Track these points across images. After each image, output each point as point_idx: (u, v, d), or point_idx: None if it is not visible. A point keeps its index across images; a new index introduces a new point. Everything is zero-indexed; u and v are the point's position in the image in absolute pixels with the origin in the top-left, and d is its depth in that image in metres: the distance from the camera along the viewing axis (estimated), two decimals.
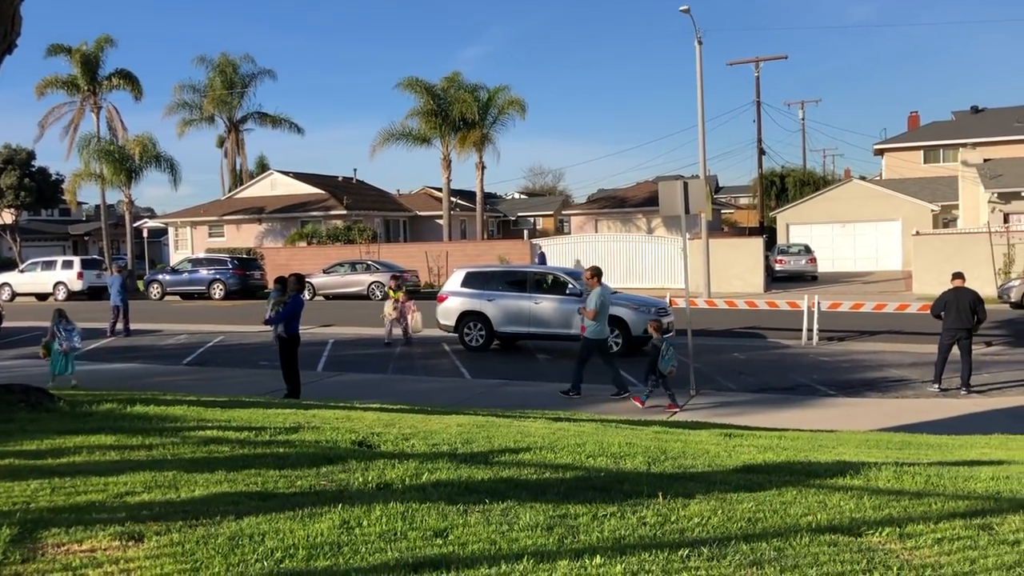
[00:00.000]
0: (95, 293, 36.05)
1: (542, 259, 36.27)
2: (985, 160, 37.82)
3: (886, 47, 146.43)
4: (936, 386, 13.43)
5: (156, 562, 3.63)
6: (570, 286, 17.57)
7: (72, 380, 12.96)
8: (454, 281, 18.76)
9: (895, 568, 3.81)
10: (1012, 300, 25.06)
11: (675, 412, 11.57)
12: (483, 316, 17.81)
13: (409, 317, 19.03)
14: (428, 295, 32.32)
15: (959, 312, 13.35)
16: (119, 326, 21.75)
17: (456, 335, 18.37)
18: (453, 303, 18.41)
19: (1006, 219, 32.65)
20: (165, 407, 8.16)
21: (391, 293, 19.95)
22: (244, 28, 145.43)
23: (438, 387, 13.89)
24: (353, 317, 25.20)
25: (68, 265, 37.39)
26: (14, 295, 36.71)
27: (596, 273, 13.05)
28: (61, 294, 35.98)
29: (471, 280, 18.45)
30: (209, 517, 4.27)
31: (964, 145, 44.28)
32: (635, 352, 17.07)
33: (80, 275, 36.45)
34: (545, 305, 17.35)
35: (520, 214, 67.73)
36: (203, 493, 4.79)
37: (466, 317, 18.09)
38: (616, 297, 17.94)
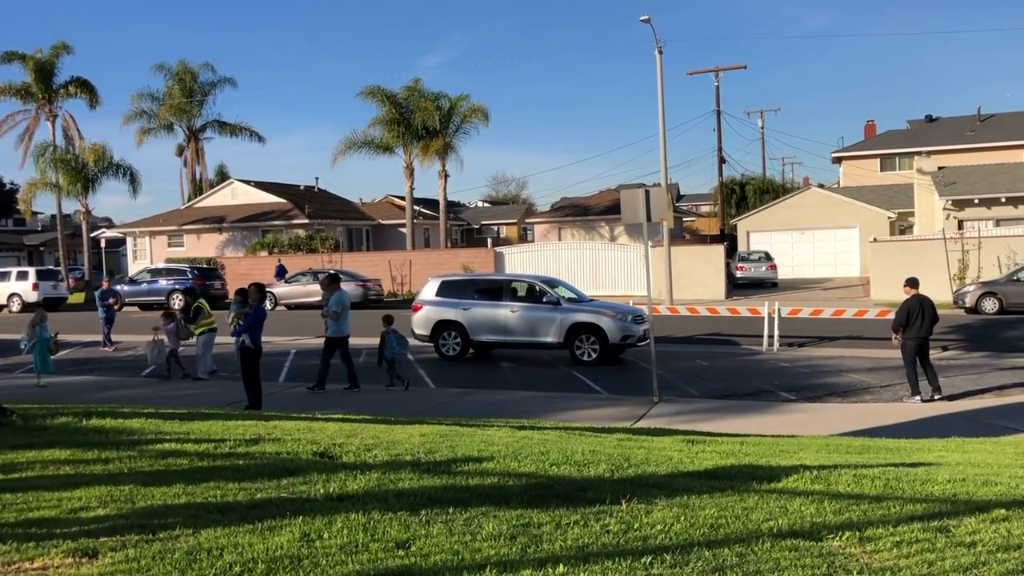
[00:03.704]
0: (51, 305, 35.34)
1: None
2: (940, 168, 38.50)
3: (843, 57, 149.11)
4: (918, 397, 13.02)
5: None
6: (546, 295, 17.56)
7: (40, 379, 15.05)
8: (429, 290, 18.60)
9: (855, 572, 3.84)
10: (967, 305, 25.53)
11: (394, 388, 14.15)
12: (459, 325, 17.73)
13: (165, 339, 16.48)
14: (391, 304, 32.21)
15: (926, 319, 13.27)
16: (111, 337, 21.57)
17: (424, 344, 18.23)
18: (429, 312, 18.21)
19: (960, 226, 33.27)
20: (122, 420, 8.03)
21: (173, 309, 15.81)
22: (204, 37, 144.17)
23: (402, 397, 13.81)
24: (316, 327, 24.92)
25: (23, 276, 36.62)
26: None
27: (335, 279, 14.86)
28: (15, 306, 35.25)
29: (446, 289, 18.34)
30: (166, 531, 4.20)
31: (919, 153, 45.06)
32: (611, 360, 17.05)
33: (35, 286, 35.74)
34: (521, 314, 17.32)
35: (484, 222, 67.64)
36: (160, 507, 4.70)
37: (441, 326, 17.97)
38: (593, 304, 18.02)
